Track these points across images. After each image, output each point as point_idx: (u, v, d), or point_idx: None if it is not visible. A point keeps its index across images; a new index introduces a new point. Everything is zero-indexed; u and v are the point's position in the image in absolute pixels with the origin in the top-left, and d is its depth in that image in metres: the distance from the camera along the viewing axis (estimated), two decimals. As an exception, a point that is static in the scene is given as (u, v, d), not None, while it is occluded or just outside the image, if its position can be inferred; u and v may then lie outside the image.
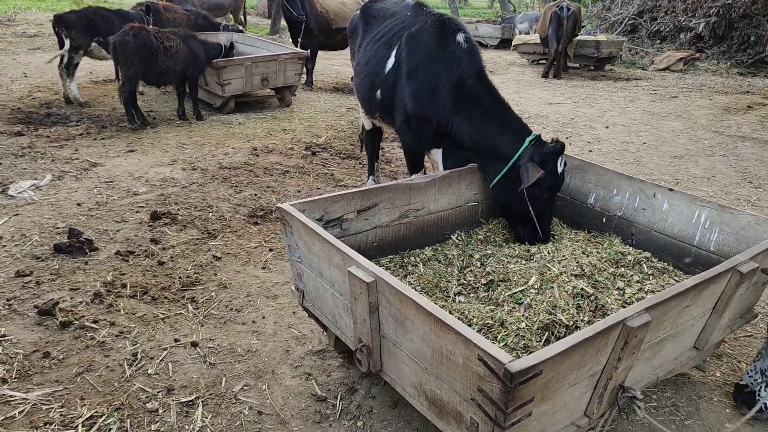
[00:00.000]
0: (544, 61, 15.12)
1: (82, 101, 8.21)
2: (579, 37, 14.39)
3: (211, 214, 4.98)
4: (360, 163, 6.63)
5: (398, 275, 3.15)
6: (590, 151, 7.43)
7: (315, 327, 3.43)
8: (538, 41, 15.02)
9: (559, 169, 3.38)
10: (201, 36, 8.16)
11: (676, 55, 16.30)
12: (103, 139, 6.83)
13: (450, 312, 2.71)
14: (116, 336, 3.26)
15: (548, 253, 3.20)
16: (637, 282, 3.05)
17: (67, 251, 4.10)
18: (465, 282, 3.07)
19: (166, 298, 3.69)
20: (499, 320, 2.64)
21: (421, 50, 3.63)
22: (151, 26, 7.65)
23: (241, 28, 10.94)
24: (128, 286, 3.76)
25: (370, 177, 5.27)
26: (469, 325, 2.63)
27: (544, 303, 2.74)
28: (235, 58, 8.24)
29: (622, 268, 3.15)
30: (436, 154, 3.87)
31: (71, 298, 3.59)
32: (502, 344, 2.51)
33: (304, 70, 9.86)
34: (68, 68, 7.87)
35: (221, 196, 5.39)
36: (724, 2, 16.92)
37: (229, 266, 4.16)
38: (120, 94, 7.17)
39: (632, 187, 3.56)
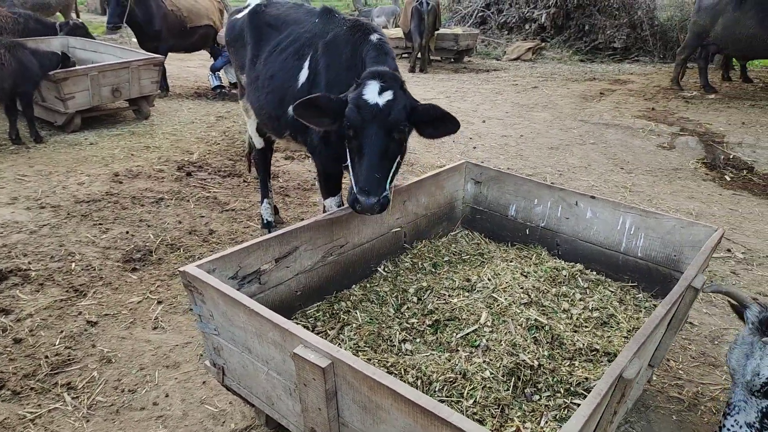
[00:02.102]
0: (407, 55, 15.26)
1: None
2: (439, 31, 14.70)
3: (74, 264, 4.12)
4: (244, 180, 6.01)
5: (332, 328, 2.73)
6: (474, 147, 7.48)
7: (233, 398, 2.89)
8: (401, 35, 15.10)
9: (367, 97, 2.65)
10: (30, 44, 6.90)
11: (524, 45, 17.38)
12: None
13: (405, 370, 2.37)
14: (-32, 459, 2.47)
15: (489, 279, 2.97)
16: (580, 300, 2.94)
17: None
18: (408, 326, 2.74)
19: (32, 389, 2.91)
20: (460, 372, 2.35)
21: (337, 59, 3.20)
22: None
23: (79, 22, 9.46)
24: (-24, 382, 2.91)
25: (265, 200, 4.72)
26: (430, 383, 2.31)
27: (502, 343, 2.50)
28: (78, 68, 7.08)
29: (563, 287, 3.03)
30: None
31: None
32: (471, 402, 2.23)
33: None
34: None
35: (83, 238, 4.51)
36: (561, -7, 18.36)
37: (110, 332, 3.42)
38: (-72, 119, 5.80)
39: (553, 197, 3.47)
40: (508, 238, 3.69)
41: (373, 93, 2.67)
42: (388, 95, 2.67)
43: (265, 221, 4.75)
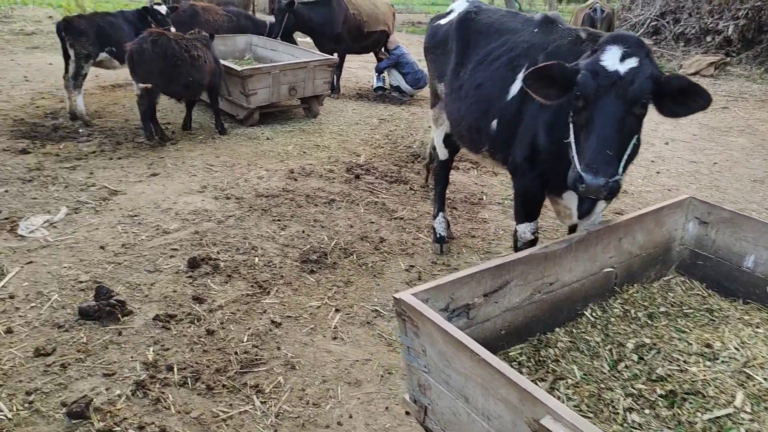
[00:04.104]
0: (571, 65, 14.44)
1: (87, 118, 7.11)
2: (610, 40, 13.71)
3: (257, 258, 4.24)
4: (411, 188, 5.90)
5: (543, 379, 2.43)
6: (658, 172, 6.72)
7: (417, 428, 2.70)
8: (566, 44, 14.31)
9: (606, 63, 2.35)
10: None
11: (706, 59, 15.64)
12: (119, 158, 6.06)
13: (643, 451, 2.00)
14: (171, 451, 2.53)
15: (736, 349, 2.48)
16: None
17: (95, 317, 3.35)
18: (634, 391, 2.35)
19: (224, 386, 2.95)
20: (714, 466, 1.93)
21: None
22: (173, 31, 6.84)
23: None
24: (175, 369, 3.02)
25: (440, 213, 4.54)
26: (677, 475, 1.92)
27: (768, 437, 2.02)
28: (261, 65, 7.47)
29: (833, 371, 2.44)
30: (570, 197, 3.09)
31: (107, 390, 2.84)
32: None
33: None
34: (75, 79, 6.98)
35: (264, 233, 4.65)
36: (754, 4, 16.26)
37: (293, 335, 3.42)
38: (138, 106, 6.39)
39: (812, 252, 2.85)
40: (739, 293, 3.11)
41: (613, 59, 2.36)
42: (632, 62, 2.34)
43: (438, 235, 4.56)
